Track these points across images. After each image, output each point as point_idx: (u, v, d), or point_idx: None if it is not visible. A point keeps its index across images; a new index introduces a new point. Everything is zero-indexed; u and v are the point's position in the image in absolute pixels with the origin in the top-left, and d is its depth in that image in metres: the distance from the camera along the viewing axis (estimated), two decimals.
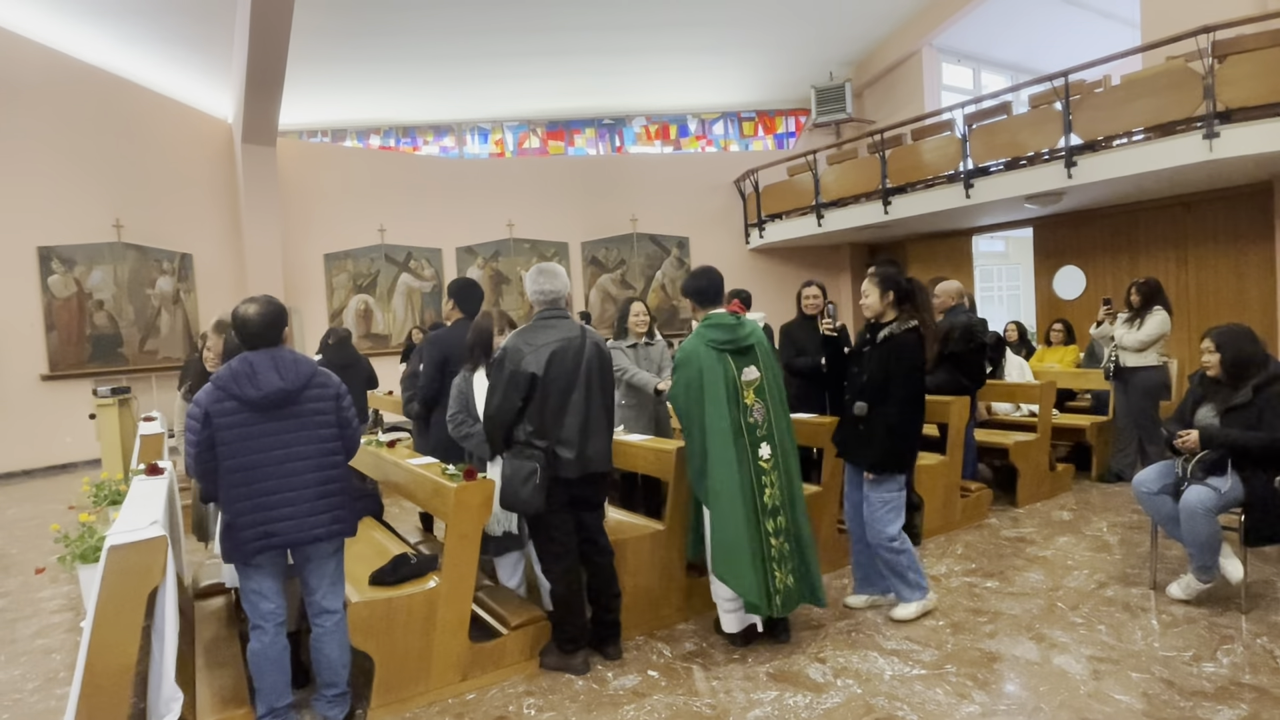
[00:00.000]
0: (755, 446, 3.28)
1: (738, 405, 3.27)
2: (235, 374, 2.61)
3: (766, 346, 3.44)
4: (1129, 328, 5.68)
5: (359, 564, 3.23)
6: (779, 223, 11.31)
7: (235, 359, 2.68)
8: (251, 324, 2.66)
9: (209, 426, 2.57)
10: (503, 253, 11.62)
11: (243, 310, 2.69)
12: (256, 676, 2.66)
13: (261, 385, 2.59)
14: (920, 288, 3.56)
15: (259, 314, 2.68)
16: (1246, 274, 7.99)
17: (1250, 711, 2.62)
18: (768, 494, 3.27)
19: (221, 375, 2.63)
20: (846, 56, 11.91)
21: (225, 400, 2.58)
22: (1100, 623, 3.42)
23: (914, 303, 3.50)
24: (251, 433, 2.58)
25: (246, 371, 2.61)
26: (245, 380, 2.59)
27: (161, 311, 9.79)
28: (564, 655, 3.21)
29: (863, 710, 2.79)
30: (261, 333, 2.67)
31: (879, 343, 3.48)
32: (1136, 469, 5.44)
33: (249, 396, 2.58)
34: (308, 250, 10.77)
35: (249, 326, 2.67)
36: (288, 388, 2.62)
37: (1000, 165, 8.28)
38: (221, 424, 2.57)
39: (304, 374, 2.67)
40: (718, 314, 3.41)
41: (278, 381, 2.61)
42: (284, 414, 2.63)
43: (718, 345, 3.30)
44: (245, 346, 2.69)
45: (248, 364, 2.62)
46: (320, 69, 10.21)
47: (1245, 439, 3.34)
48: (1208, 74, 6.41)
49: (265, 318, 2.68)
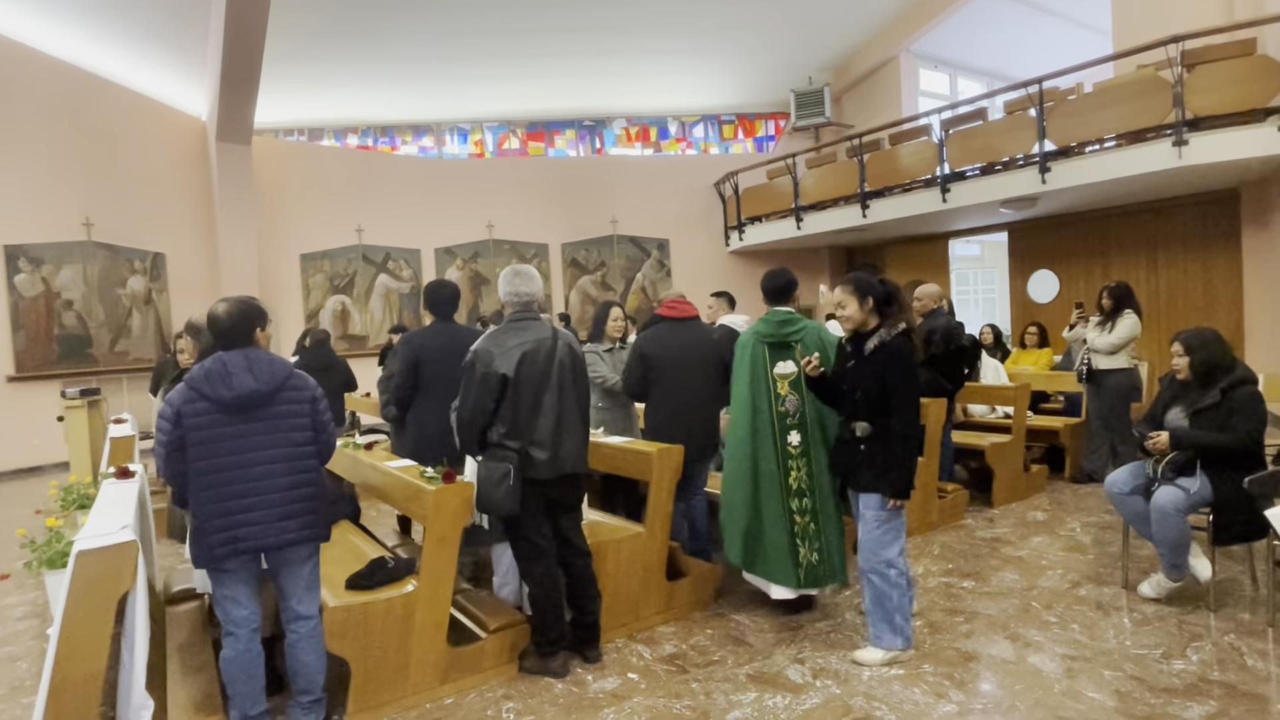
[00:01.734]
0: (785, 432, 3.57)
1: (767, 391, 3.59)
2: (208, 374, 2.57)
3: (814, 345, 3.54)
4: (1100, 331, 5.78)
5: (335, 568, 3.18)
6: (759, 225, 11.37)
7: (209, 358, 2.63)
8: (220, 322, 2.63)
9: (180, 427, 2.52)
10: (482, 254, 11.56)
11: (213, 309, 2.66)
12: (229, 684, 2.62)
13: (235, 386, 2.55)
14: (899, 289, 3.37)
15: (228, 312, 2.64)
16: (1214, 278, 8.16)
17: (1219, 708, 2.67)
18: (793, 476, 3.55)
19: (194, 375, 2.58)
20: (825, 61, 12.01)
21: (197, 400, 2.54)
22: (1073, 621, 3.47)
23: (898, 305, 3.27)
24: (223, 434, 2.54)
25: (220, 371, 2.56)
26: (218, 380, 2.55)
27: (133, 312, 9.61)
28: (543, 658, 3.19)
29: (841, 710, 2.81)
30: (231, 331, 2.63)
31: (868, 354, 3.19)
32: (1109, 470, 5.52)
33: (221, 397, 2.53)
34: (284, 250, 10.64)
35: (218, 325, 2.63)
36: (261, 389, 2.58)
37: (976, 170, 8.39)
38: (192, 424, 2.52)
39: (279, 375, 2.63)
40: (776, 310, 3.70)
41: (251, 383, 2.57)
42: (257, 416, 2.58)
43: (760, 336, 3.66)
44: (218, 346, 2.65)
45: (221, 364, 2.58)
46: (297, 67, 10.09)
47: (1213, 440, 3.41)
48: (1177, 82, 6.54)
49: (234, 316, 2.64)
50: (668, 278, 12.05)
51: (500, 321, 3.44)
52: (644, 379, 4.14)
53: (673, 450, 3.67)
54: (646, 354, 4.12)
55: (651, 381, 4.12)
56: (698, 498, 4.24)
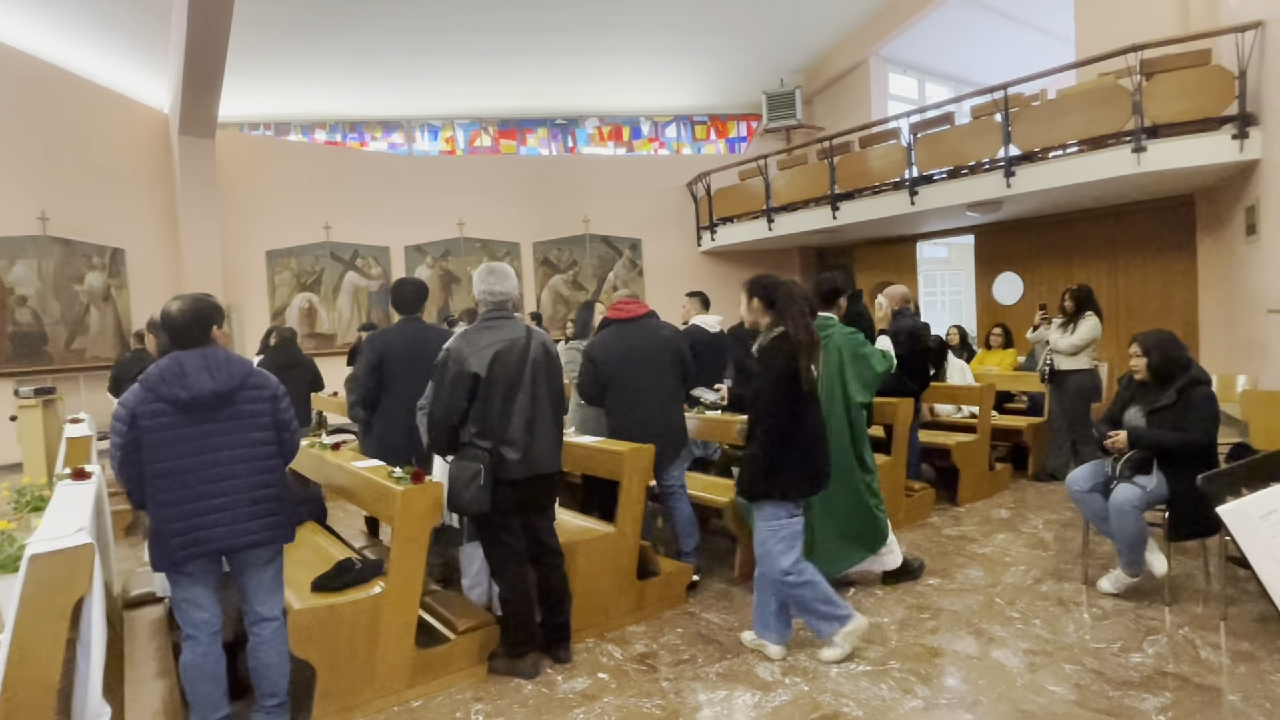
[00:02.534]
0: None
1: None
2: (164, 374, 2.50)
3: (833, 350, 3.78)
4: (1063, 332, 5.91)
5: (301, 570, 3.13)
6: (730, 226, 11.42)
7: (165, 358, 2.56)
8: (174, 321, 2.56)
9: (135, 429, 2.45)
10: (453, 252, 11.46)
11: (166, 308, 2.58)
12: (190, 689, 2.56)
13: (191, 387, 2.48)
14: (787, 291, 3.16)
15: (182, 311, 2.56)
16: (1171, 281, 8.39)
17: (1174, 699, 2.75)
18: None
19: (149, 376, 2.51)
20: (797, 64, 12.11)
21: (153, 402, 2.47)
22: (1035, 617, 3.54)
23: (777, 308, 3.15)
24: (180, 436, 2.48)
25: (176, 372, 2.49)
26: (174, 381, 2.48)
27: (90, 309, 9.36)
28: (513, 659, 3.17)
29: (810, 707, 2.83)
30: (186, 330, 2.56)
31: (756, 357, 3.20)
32: (1070, 468, 5.65)
33: (178, 398, 2.47)
34: (249, 247, 10.44)
35: (172, 324, 2.56)
36: (219, 389, 2.52)
37: (943, 174, 8.52)
38: (148, 426, 2.45)
39: (237, 375, 2.58)
40: (820, 316, 3.74)
41: (209, 383, 2.51)
42: (216, 416, 2.53)
43: None
44: (174, 345, 2.58)
45: (177, 364, 2.51)
46: (263, 60, 9.90)
47: (1169, 439, 3.51)
48: (1136, 91, 6.71)
49: (189, 315, 2.56)
50: (640, 277, 12.06)
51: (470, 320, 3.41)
52: (597, 383, 4.11)
53: (643, 450, 3.68)
54: (595, 359, 4.10)
55: (605, 385, 4.10)
56: (678, 500, 4.18)
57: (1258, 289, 6.56)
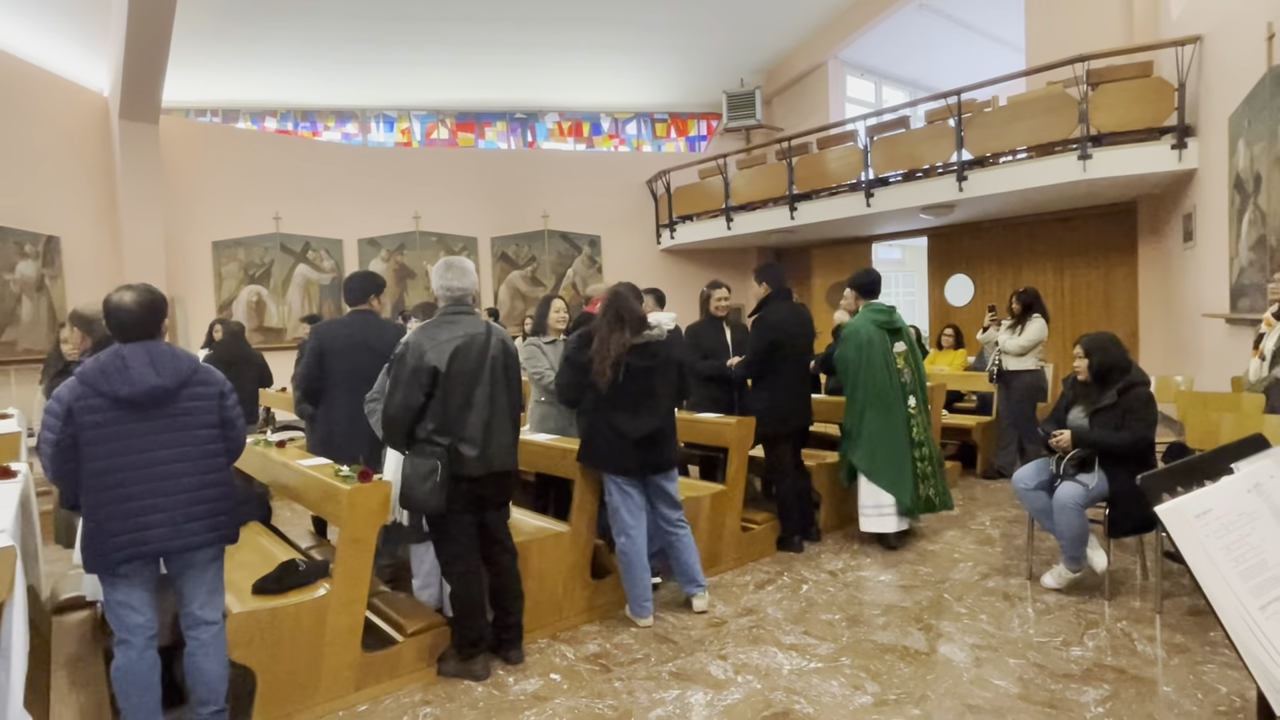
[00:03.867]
0: (905, 399, 4.60)
1: (887, 368, 4.54)
2: (104, 369, 2.37)
3: (908, 329, 4.80)
4: (1011, 334, 6.06)
5: (242, 572, 3.03)
6: (690, 224, 11.45)
7: (105, 352, 2.43)
8: (127, 314, 2.42)
9: (71, 425, 2.33)
10: (408, 245, 11.25)
11: (117, 298, 2.43)
12: (122, 696, 2.44)
13: (135, 382, 2.37)
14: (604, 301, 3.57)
15: (136, 303, 2.43)
16: (1113, 285, 8.68)
17: (1111, 690, 2.83)
18: (914, 430, 4.60)
19: (88, 370, 2.38)
20: (757, 64, 12.18)
21: (92, 397, 2.34)
22: (982, 612, 3.61)
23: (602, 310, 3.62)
24: (120, 433, 2.36)
25: (118, 366, 2.37)
26: (116, 376, 2.36)
27: (22, 298, 8.92)
28: (463, 661, 3.12)
29: (762, 705, 2.84)
30: (140, 324, 2.43)
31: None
32: (1016, 466, 5.80)
33: (120, 394, 2.35)
34: (194, 237, 10.09)
35: (124, 317, 2.42)
36: (165, 385, 2.41)
37: (899, 176, 8.66)
38: (86, 422, 2.33)
39: (183, 370, 2.47)
40: (876, 303, 4.70)
41: (153, 378, 2.39)
42: (160, 413, 2.41)
43: (879, 324, 4.58)
44: (118, 338, 2.45)
45: (119, 358, 2.39)
46: (211, 43, 9.57)
47: (1109, 438, 3.61)
48: (1083, 100, 6.90)
49: (143, 307, 2.44)
50: (599, 274, 12.00)
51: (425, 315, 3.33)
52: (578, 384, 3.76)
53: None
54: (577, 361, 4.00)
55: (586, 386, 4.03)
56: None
57: (1194, 294, 6.81)
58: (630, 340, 3.47)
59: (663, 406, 3.59)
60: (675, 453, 3.74)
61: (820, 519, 4.92)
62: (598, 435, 3.55)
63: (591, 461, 3.58)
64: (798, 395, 4.64)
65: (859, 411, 4.57)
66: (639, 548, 3.57)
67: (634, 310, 3.54)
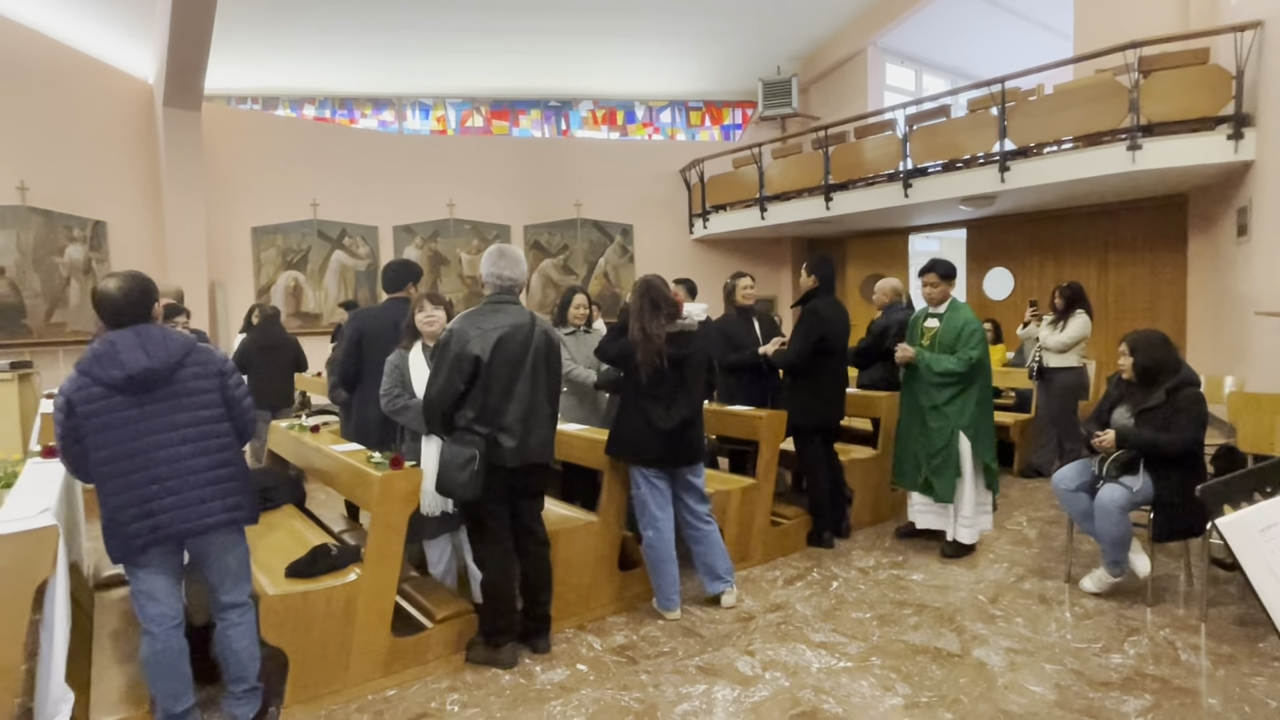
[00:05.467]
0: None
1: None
2: (97, 355, 2.38)
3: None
4: (1052, 330, 5.90)
5: (276, 554, 3.07)
6: (723, 214, 11.34)
7: (97, 339, 2.46)
8: (113, 300, 2.43)
9: (73, 416, 2.34)
10: (442, 233, 11.32)
11: (102, 286, 2.44)
12: (150, 682, 2.48)
13: (126, 365, 2.36)
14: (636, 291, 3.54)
15: (119, 289, 2.44)
16: (1160, 281, 8.40)
17: (1153, 701, 2.74)
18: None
19: (83, 359, 2.40)
20: (794, 51, 11.99)
21: (90, 385, 2.35)
22: (1017, 615, 3.53)
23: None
24: (121, 419, 2.37)
25: (108, 352, 2.37)
26: (107, 361, 2.36)
27: (71, 281, 9.17)
28: (491, 649, 3.13)
29: (789, 703, 2.81)
30: (125, 310, 2.44)
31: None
32: (1055, 466, 5.66)
33: (112, 379, 2.35)
34: (234, 223, 10.26)
35: (110, 303, 2.43)
36: (155, 366, 2.39)
37: (938, 166, 8.46)
38: (86, 411, 2.34)
39: (175, 351, 2.45)
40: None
41: (144, 360, 2.38)
42: (157, 396, 2.41)
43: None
44: (109, 325, 2.46)
45: (109, 344, 2.39)
46: (252, 32, 9.69)
47: (1157, 440, 3.49)
48: (1133, 88, 6.66)
49: (129, 294, 2.45)
50: (631, 264, 11.97)
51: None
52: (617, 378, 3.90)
53: None
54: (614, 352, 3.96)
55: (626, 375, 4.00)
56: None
57: (1246, 291, 6.56)
58: (667, 327, 3.44)
59: (694, 398, 3.56)
60: (703, 446, 3.70)
61: (852, 515, 4.84)
62: (627, 426, 3.52)
63: (619, 453, 3.56)
64: (837, 391, 4.57)
65: (973, 412, 4.26)
66: (666, 540, 3.55)
67: (668, 297, 3.51)
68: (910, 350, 4.39)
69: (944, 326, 4.35)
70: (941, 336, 4.34)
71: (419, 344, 3.49)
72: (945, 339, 4.31)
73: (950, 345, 4.28)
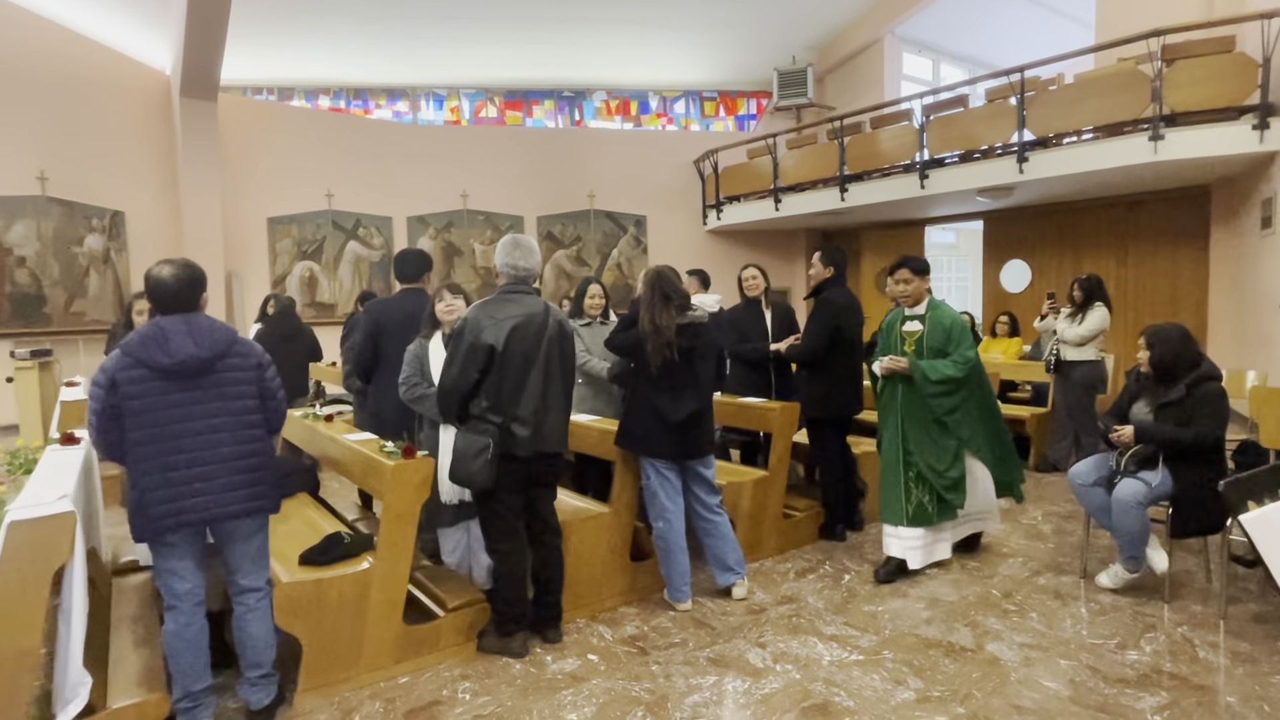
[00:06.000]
0: None
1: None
2: (145, 340, 2.43)
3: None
4: (1070, 322, 5.82)
5: (290, 542, 3.10)
6: (737, 205, 11.28)
7: (147, 324, 2.50)
8: (166, 287, 2.49)
9: (114, 395, 2.39)
10: (456, 224, 11.34)
11: (156, 271, 2.51)
12: (172, 659, 2.53)
13: (173, 352, 2.42)
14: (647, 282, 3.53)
15: (174, 276, 2.50)
16: (1181, 274, 8.27)
17: (1170, 699, 2.71)
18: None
19: (130, 341, 2.45)
20: (810, 41, 11.88)
21: (134, 368, 2.40)
22: (1032, 610, 3.50)
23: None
24: (162, 403, 2.42)
25: (157, 337, 2.43)
26: (155, 346, 2.41)
27: (90, 271, 9.28)
28: (502, 638, 3.14)
29: (800, 696, 2.80)
30: (176, 296, 2.49)
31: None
32: (1071, 460, 5.60)
33: (160, 364, 2.41)
34: (249, 213, 10.33)
35: (163, 289, 2.49)
36: (202, 355, 2.45)
37: (955, 157, 8.37)
38: (129, 392, 2.39)
39: (221, 341, 2.51)
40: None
41: (191, 348, 2.44)
42: (198, 384, 2.46)
43: None
44: (158, 311, 2.52)
45: (159, 329, 2.45)
46: (267, 22, 9.72)
47: (1176, 435, 3.44)
48: (1156, 77, 6.55)
49: (181, 280, 2.50)
50: (644, 255, 11.94)
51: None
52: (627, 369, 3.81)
53: None
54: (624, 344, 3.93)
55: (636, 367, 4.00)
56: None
57: (1270, 284, 6.45)
58: (677, 319, 3.43)
59: (704, 390, 3.55)
60: (713, 438, 3.69)
61: (864, 508, 4.82)
62: (637, 418, 3.51)
63: (629, 445, 3.55)
64: (851, 382, 4.53)
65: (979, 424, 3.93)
66: (676, 531, 3.54)
67: (678, 288, 3.50)
68: (902, 361, 3.84)
69: (929, 328, 3.89)
70: (929, 339, 3.87)
71: (439, 333, 3.51)
72: (934, 341, 3.86)
73: (940, 348, 3.83)
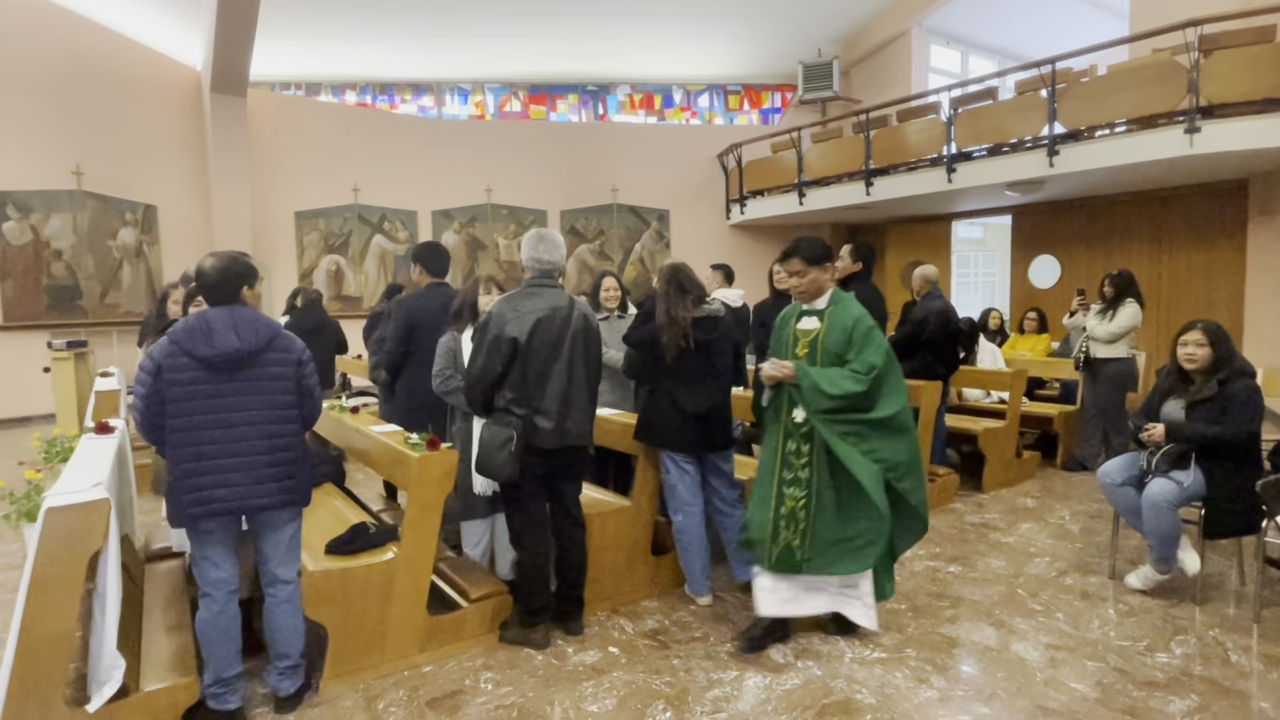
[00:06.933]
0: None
1: None
2: (190, 330, 2.49)
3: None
4: (1101, 319, 5.72)
5: (317, 532, 3.14)
6: (761, 199, 11.22)
7: (193, 315, 2.56)
8: (206, 277, 2.56)
9: (159, 381, 2.46)
10: (480, 218, 11.41)
11: (202, 263, 2.60)
12: (204, 645, 2.58)
13: (217, 344, 2.47)
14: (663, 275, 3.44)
15: (215, 267, 2.56)
16: (1216, 269, 8.09)
17: (1200, 703, 2.66)
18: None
19: (177, 330, 2.51)
20: (836, 33, 11.76)
21: (179, 356, 2.46)
22: (1059, 610, 3.45)
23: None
24: (202, 392, 2.47)
25: (202, 328, 2.49)
26: (200, 337, 2.47)
27: (123, 264, 9.48)
28: (525, 629, 3.17)
29: (822, 692, 2.79)
30: (217, 287, 2.56)
31: None
32: (1100, 459, 5.51)
33: (203, 355, 2.46)
34: (278, 207, 10.48)
35: (201, 280, 2.57)
36: (245, 348, 2.51)
37: (983, 151, 8.25)
38: (172, 380, 2.45)
39: (263, 335, 2.56)
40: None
41: (234, 341, 2.49)
42: (239, 376, 2.51)
43: None
44: (206, 301, 2.59)
45: (204, 320, 2.51)
46: (295, 19, 9.84)
47: (1209, 434, 3.36)
48: (1193, 68, 6.40)
49: (222, 272, 2.56)
50: (667, 249, 11.93)
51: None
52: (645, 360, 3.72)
53: None
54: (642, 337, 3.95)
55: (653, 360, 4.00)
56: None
57: None
58: (693, 311, 3.42)
59: (723, 383, 3.53)
60: (731, 432, 3.68)
61: None
62: (655, 411, 3.51)
63: (648, 438, 3.56)
64: None
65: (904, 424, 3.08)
66: (696, 525, 3.54)
67: (695, 281, 3.49)
68: (787, 366, 2.96)
69: (827, 325, 3.05)
70: (825, 341, 3.02)
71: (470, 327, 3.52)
72: (831, 344, 3.00)
73: (838, 353, 2.99)
